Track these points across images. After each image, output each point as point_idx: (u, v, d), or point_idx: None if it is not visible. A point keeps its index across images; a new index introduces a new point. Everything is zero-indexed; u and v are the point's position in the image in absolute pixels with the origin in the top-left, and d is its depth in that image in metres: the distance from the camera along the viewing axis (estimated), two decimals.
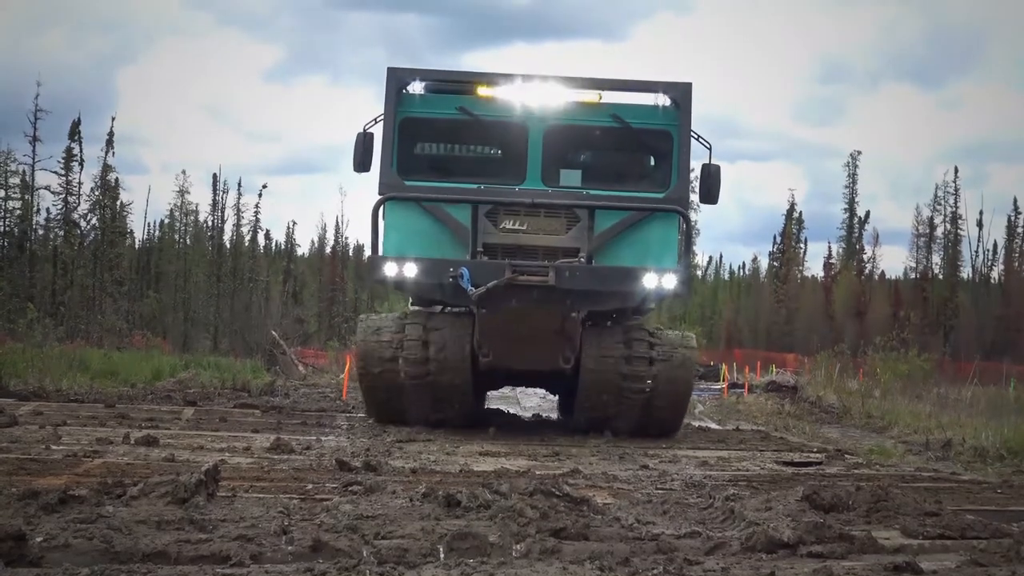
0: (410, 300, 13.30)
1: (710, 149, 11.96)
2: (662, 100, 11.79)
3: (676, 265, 11.45)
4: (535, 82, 11.78)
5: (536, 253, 11.26)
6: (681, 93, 11.73)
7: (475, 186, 11.60)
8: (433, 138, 12.51)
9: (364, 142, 11.68)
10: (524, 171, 11.67)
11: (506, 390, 17.61)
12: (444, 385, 11.54)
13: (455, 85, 12.10)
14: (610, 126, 11.86)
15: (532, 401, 18.72)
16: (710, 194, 12.00)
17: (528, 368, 13.34)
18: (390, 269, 11.08)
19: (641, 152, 12.73)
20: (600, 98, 11.90)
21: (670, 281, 11.08)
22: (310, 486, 7.17)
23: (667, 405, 11.90)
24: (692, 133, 11.68)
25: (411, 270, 10.94)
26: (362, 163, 11.71)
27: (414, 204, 11.52)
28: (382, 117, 11.68)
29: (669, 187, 11.70)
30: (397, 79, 11.79)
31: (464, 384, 11.67)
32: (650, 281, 10.99)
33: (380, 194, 11.44)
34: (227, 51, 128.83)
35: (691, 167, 11.90)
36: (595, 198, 11.48)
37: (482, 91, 11.82)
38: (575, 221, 11.31)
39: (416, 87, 11.86)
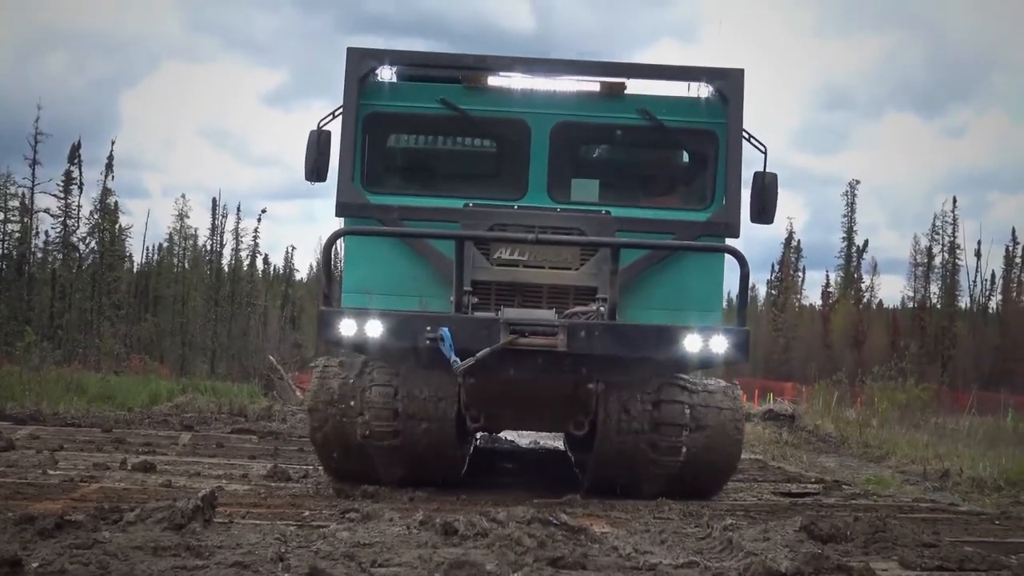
0: None
1: (765, 154, 9.29)
2: (705, 91, 9.28)
3: (721, 319, 9.15)
4: (539, 67, 9.33)
5: (540, 294, 8.89)
6: (730, 83, 9.14)
7: (461, 202, 9.07)
8: (407, 139, 10.06)
9: (318, 144, 9.19)
10: (525, 182, 9.16)
11: None
12: (420, 452, 8.97)
13: (436, 71, 9.48)
14: (637, 124, 9.24)
15: None
16: (765, 211, 9.35)
17: (530, 431, 12.40)
18: (347, 327, 8.35)
19: (677, 158, 10.21)
20: (624, 88, 9.30)
21: (719, 344, 8.44)
22: (307, 513, 7.17)
23: (705, 475, 9.31)
24: (743, 133, 9.14)
25: (375, 329, 8.29)
26: (315, 171, 9.22)
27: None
28: (340, 112, 9.13)
29: (713, 204, 9.18)
30: (360, 63, 9.12)
31: (446, 450, 9.06)
32: (693, 344, 8.39)
33: (337, 213, 9.08)
34: (229, 75, 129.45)
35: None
36: (619, 222, 8.99)
37: (471, 78, 9.28)
38: (592, 251, 8.86)
39: (385, 73, 9.28)
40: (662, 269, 9.02)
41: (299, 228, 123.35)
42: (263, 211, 71.03)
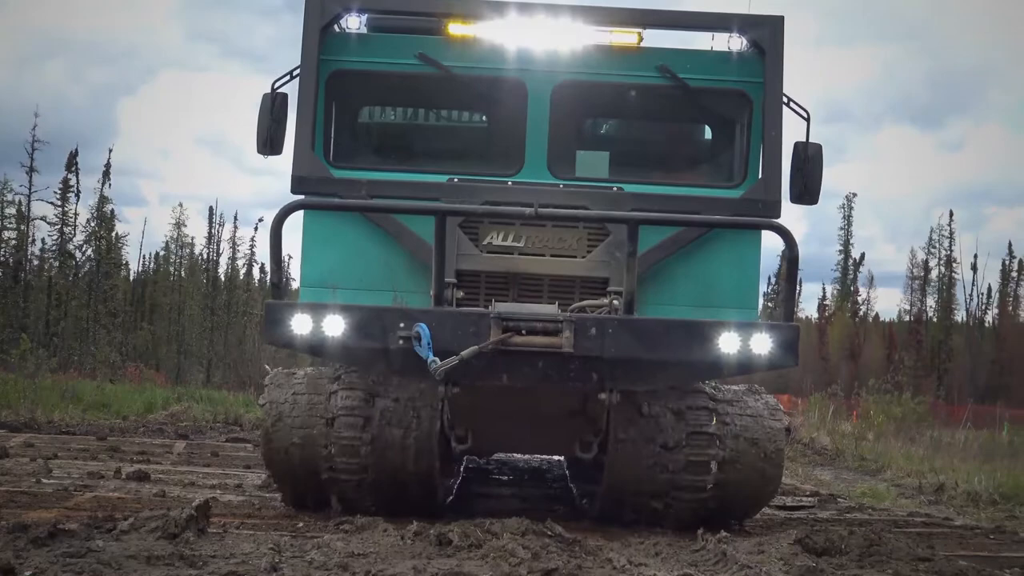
0: None
1: (808, 120, 7.78)
2: (737, 44, 7.76)
3: (757, 314, 7.72)
4: (538, 15, 7.73)
5: (539, 287, 7.49)
6: (768, 32, 7.64)
7: (444, 178, 7.59)
8: (379, 102, 8.54)
9: (272, 109, 7.66)
10: (521, 154, 7.66)
11: None
12: (395, 480, 7.51)
13: (413, 21, 7.94)
14: (655, 84, 7.75)
15: None
16: (808, 189, 7.84)
17: (527, 454, 11.19)
18: (301, 324, 6.82)
19: (704, 124, 8.63)
20: (640, 41, 7.87)
21: (762, 344, 6.92)
22: (301, 523, 7.16)
23: (736, 504, 7.85)
24: (783, 97, 7.71)
25: (335, 326, 6.76)
26: (269, 142, 7.69)
27: (346, 212, 7.54)
28: (298, 71, 7.62)
29: (747, 179, 7.74)
30: (321, 9, 7.62)
31: (427, 477, 7.58)
32: (729, 344, 6.86)
33: (293, 189, 7.47)
34: (228, 84, 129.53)
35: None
36: (634, 200, 7.46)
37: (456, 29, 7.76)
38: (601, 236, 7.45)
39: (353, 22, 7.76)
40: (686, 257, 7.59)
41: (296, 237, 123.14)
42: (260, 220, 70.87)
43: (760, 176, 7.68)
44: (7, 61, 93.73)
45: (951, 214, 64.58)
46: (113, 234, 50.74)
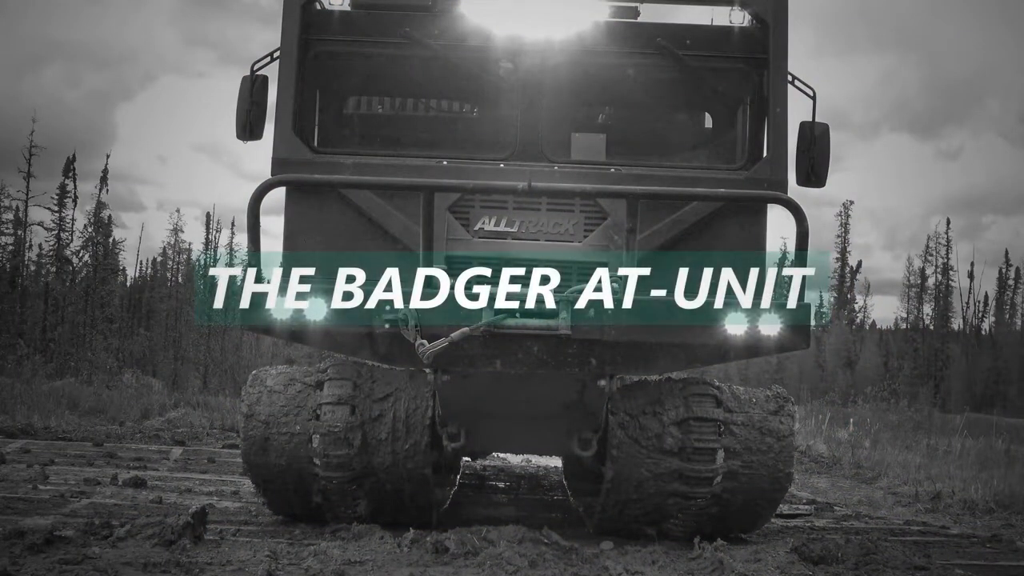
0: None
1: (814, 99, 7.42)
2: (738, 17, 7.34)
3: (765, 300, 6.84)
4: None
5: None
6: (771, 6, 7.24)
7: (432, 162, 7.21)
8: (363, 83, 8.03)
9: (252, 92, 7.35)
10: (514, 136, 7.28)
11: None
12: (386, 480, 7.16)
13: None
14: (654, 61, 7.34)
15: None
16: (815, 171, 7.42)
17: (524, 452, 11.00)
18: (280, 309, 6.48)
19: (706, 103, 8.15)
20: (637, 15, 7.56)
21: (771, 325, 6.63)
22: (298, 530, 7.15)
23: (742, 510, 7.37)
24: (788, 73, 7.32)
25: (317, 310, 6.44)
26: (247, 126, 7.39)
27: (329, 195, 7.07)
28: (279, 52, 7.28)
29: (751, 159, 7.36)
30: None
31: (420, 478, 7.18)
32: (736, 325, 6.56)
33: (273, 173, 7.10)
34: (226, 90, 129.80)
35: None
36: (633, 181, 7.01)
37: (442, 6, 7.36)
38: (598, 219, 7.00)
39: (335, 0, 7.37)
40: (688, 240, 7.14)
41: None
42: None
43: (765, 155, 7.30)
44: (5, 66, 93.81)
45: (948, 222, 64.85)
46: (110, 240, 50.79)
